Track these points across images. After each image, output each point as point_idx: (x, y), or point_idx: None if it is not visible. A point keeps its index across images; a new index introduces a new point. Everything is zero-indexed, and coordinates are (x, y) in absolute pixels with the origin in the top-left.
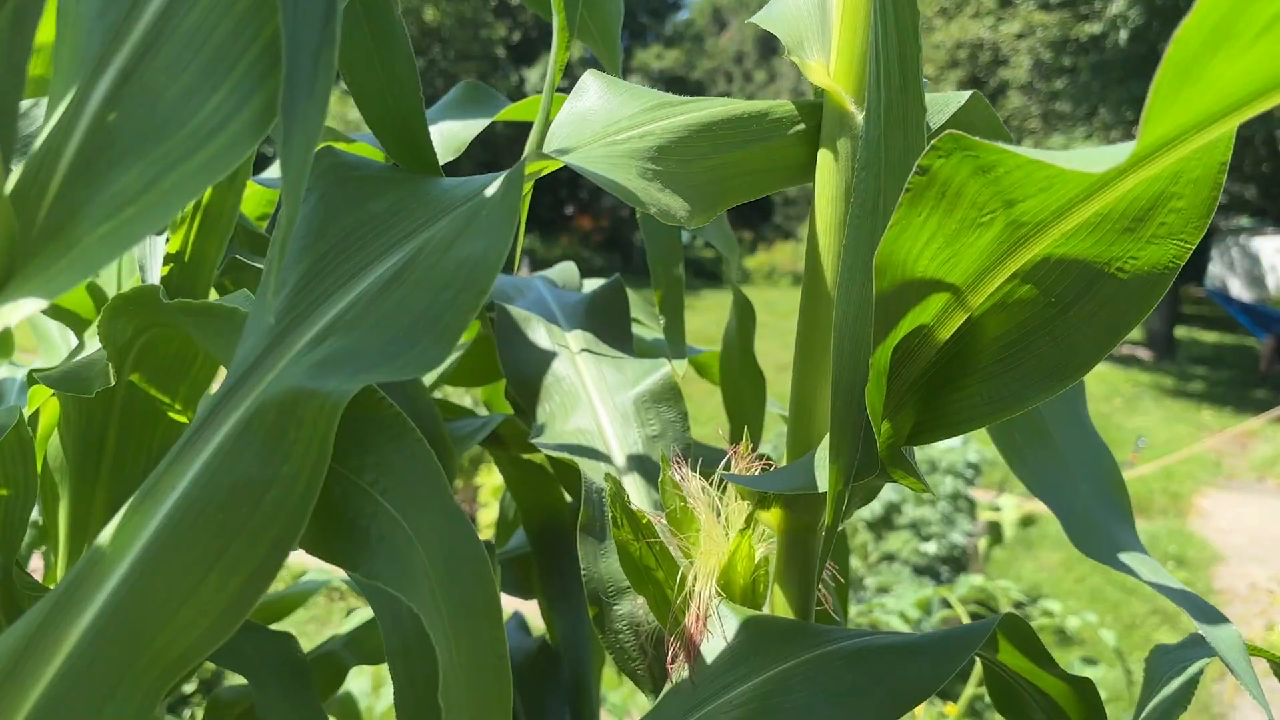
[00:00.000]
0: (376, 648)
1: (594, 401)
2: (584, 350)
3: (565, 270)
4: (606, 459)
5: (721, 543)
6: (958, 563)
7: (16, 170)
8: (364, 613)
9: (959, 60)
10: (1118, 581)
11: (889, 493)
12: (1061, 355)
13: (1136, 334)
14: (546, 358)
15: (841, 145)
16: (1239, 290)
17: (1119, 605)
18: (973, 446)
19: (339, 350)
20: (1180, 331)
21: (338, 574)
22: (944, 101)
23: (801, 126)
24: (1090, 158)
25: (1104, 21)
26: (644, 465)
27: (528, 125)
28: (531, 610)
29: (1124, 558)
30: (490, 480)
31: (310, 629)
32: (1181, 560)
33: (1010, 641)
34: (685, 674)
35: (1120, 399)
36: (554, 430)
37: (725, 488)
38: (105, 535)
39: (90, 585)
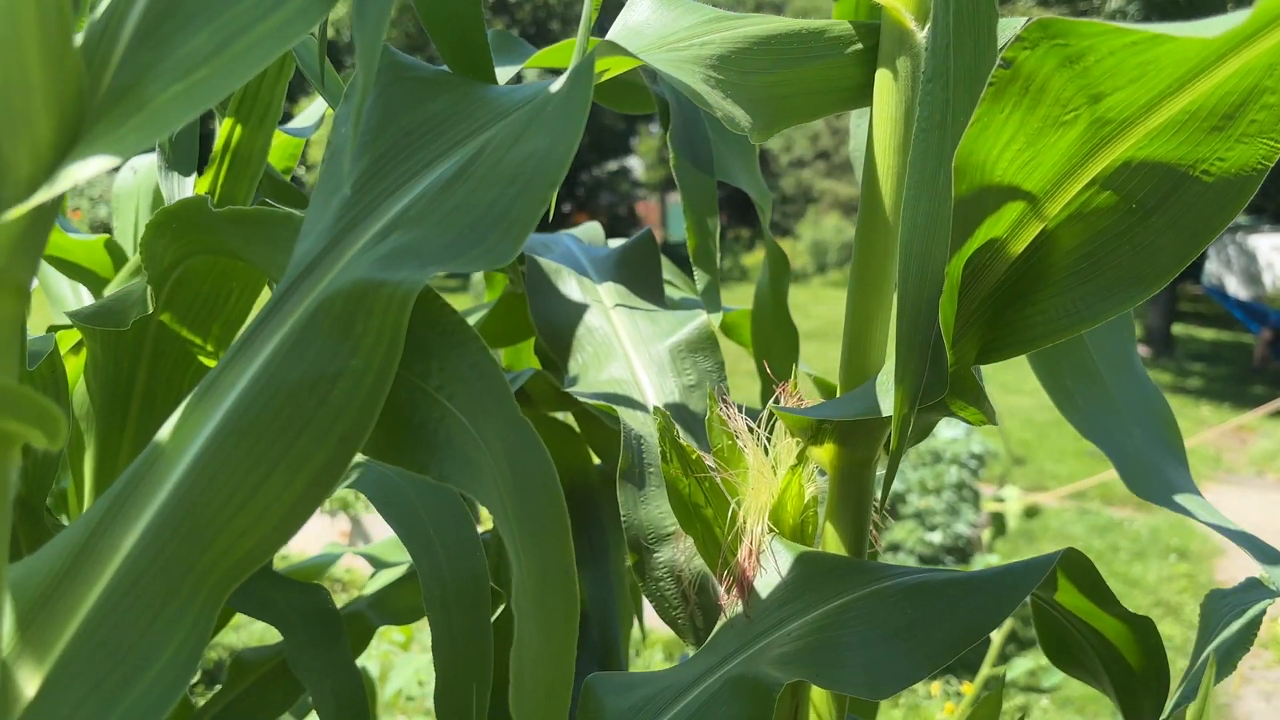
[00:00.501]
0: (403, 608)
1: (628, 352)
2: (617, 303)
3: (591, 230)
4: (642, 408)
5: (770, 481)
6: (962, 553)
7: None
8: (389, 574)
9: None
10: (1120, 574)
11: (894, 483)
12: (1141, 265)
13: (1135, 330)
14: (578, 310)
15: (901, 64)
16: (1235, 288)
17: (1123, 597)
18: (976, 438)
19: (405, 244)
20: (1178, 328)
21: (341, 566)
22: (1001, 25)
23: (859, 46)
24: (1200, 26)
25: (1103, 16)
26: (681, 415)
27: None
28: None
29: (1180, 499)
30: None
31: None
32: (1184, 553)
33: (1070, 579)
34: (739, 609)
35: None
36: (587, 381)
37: (773, 427)
38: (164, 433)
39: (150, 483)
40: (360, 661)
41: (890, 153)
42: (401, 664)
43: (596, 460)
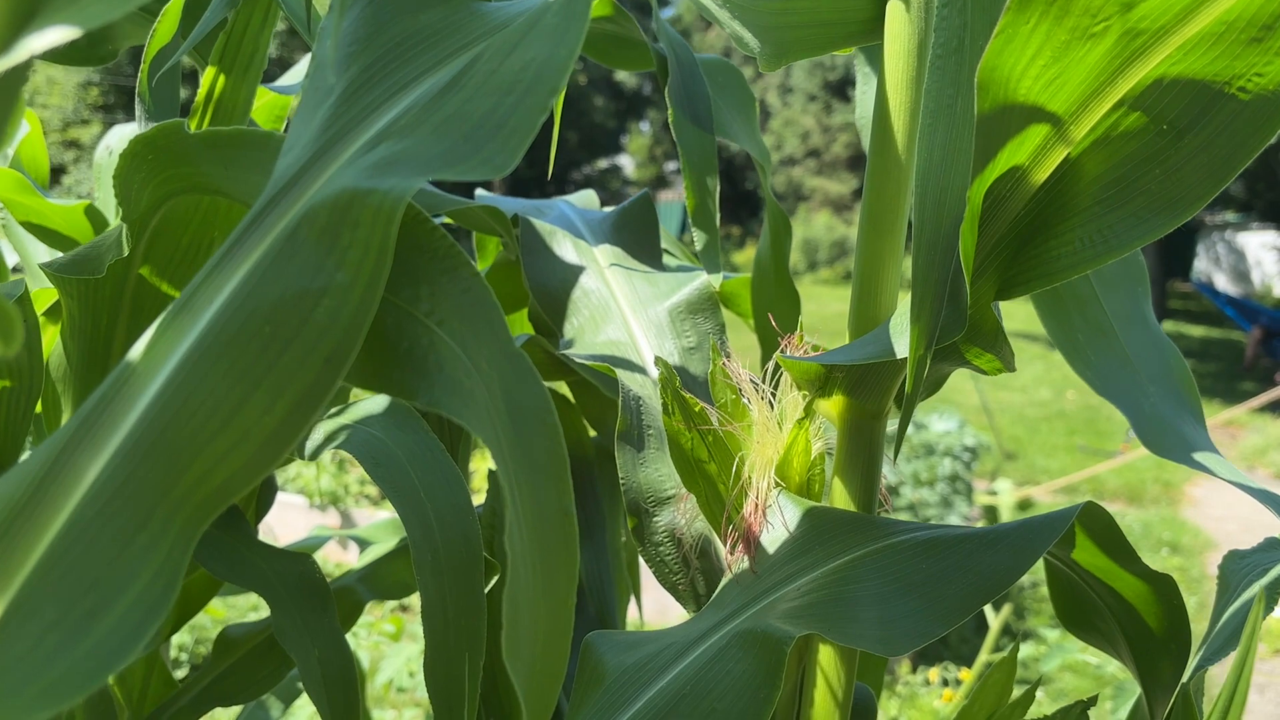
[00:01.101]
0: (394, 583)
1: (626, 314)
2: (613, 264)
3: (586, 196)
4: (641, 370)
5: (776, 435)
6: None
7: None
8: (380, 548)
9: None
10: None
11: (887, 474)
12: (1172, 190)
13: None
14: (574, 271)
15: None
16: (1224, 285)
17: None
18: (969, 431)
19: (394, 154)
20: (1168, 325)
21: (331, 561)
22: None
23: None
24: None
25: None
26: (682, 378)
27: None
28: None
29: (1199, 457)
30: (482, 466)
31: None
32: (1175, 546)
33: (1089, 535)
34: (744, 566)
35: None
36: (584, 344)
37: (778, 382)
38: (136, 352)
39: (120, 404)
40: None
41: (902, 87)
42: (392, 655)
43: (592, 433)
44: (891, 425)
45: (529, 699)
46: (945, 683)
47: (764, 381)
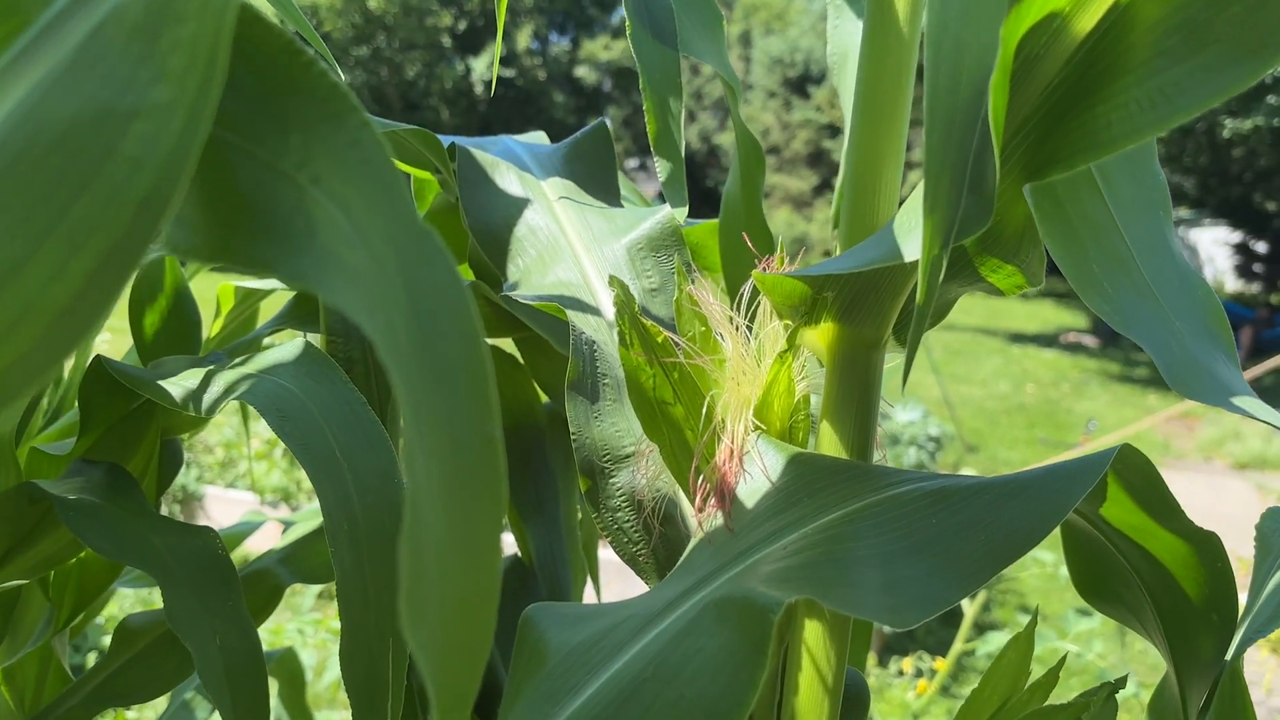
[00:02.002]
0: (320, 564)
1: (578, 252)
2: (564, 198)
3: (534, 137)
4: (595, 311)
5: (754, 373)
6: None
7: None
8: (301, 527)
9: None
10: None
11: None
12: (1255, 32)
13: (1083, 322)
14: (518, 207)
15: None
16: None
17: None
18: (933, 422)
19: None
20: None
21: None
22: None
23: None
24: None
25: None
26: None
27: None
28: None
29: (1238, 402)
30: None
31: None
32: None
33: (1123, 485)
34: (717, 523)
35: (1068, 384)
36: (530, 286)
37: (754, 313)
38: None
39: None
40: (296, 649)
41: None
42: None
43: (545, 399)
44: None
45: (439, 683)
46: (920, 674)
47: (740, 308)
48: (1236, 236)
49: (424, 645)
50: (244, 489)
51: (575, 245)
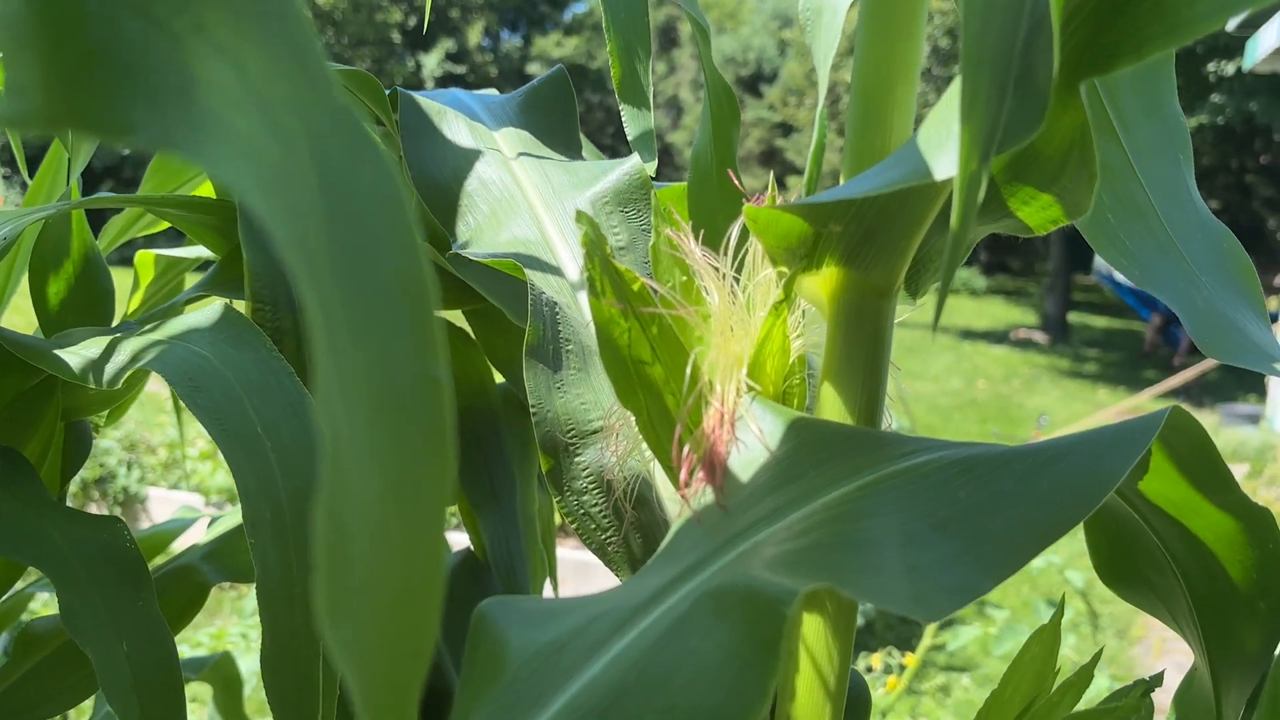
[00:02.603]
0: (248, 561)
1: (536, 208)
2: (520, 151)
3: (487, 93)
4: (556, 272)
5: (744, 327)
6: None
7: None
8: (230, 520)
9: None
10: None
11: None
12: None
13: (1032, 318)
14: (469, 159)
15: None
16: (1121, 277)
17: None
18: (887, 415)
19: None
20: (1073, 316)
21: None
22: None
23: None
24: None
25: None
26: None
27: None
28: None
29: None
30: None
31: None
32: None
33: (1170, 455)
34: (707, 500)
35: (1019, 380)
36: (482, 244)
37: (742, 262)
38: None
39: None
40: (236, 656)
41: None
42: None
43: (499, 379)
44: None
45: (367, 694)
46: (889, 669)
47: (726, 253)
48: None
49: (348, 646)
50: (188, 490)
51: (533, 200)
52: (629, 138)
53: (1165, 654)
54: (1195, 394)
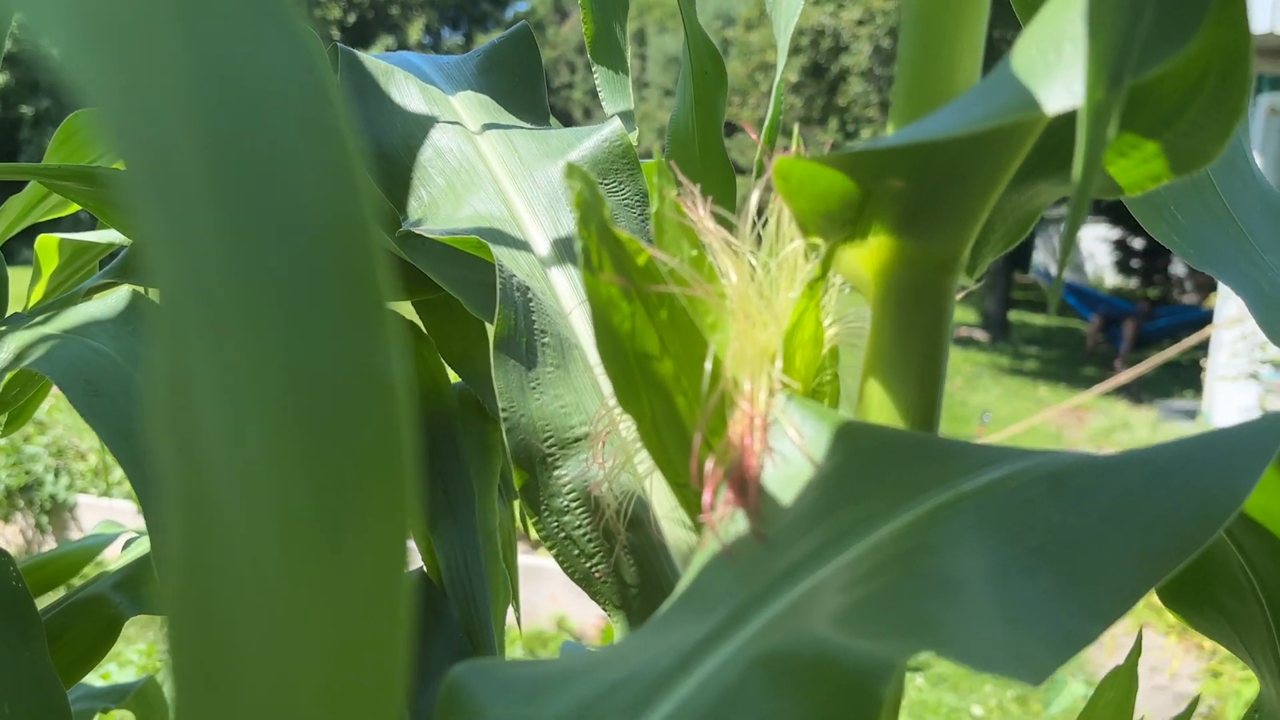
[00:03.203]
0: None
1: (500, 180)
2: (481, 118)
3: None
4: (527, 248)
5: (769, 311)
6: None
7: None
8: (147, 541)
9: (801, 47)
10: None
11: None
12: None
13: (972, 317)
14: (421, 124)
15: None
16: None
17: None
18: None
19: None
20: (1013, 314)
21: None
22: None
23: None
24: None
25: None
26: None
27: None
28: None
29: None
30: None
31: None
32: None
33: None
34: (737, 528)
35: (961, 378)
36: (438, 221)
37: (761, 232)
38: None
39: None
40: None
41: None
42: None
43: (454, 378)
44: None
45: None
46: None
47: (745, 221)
48: (1116, 233)
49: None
50: (120, 497)
51: (497, 171)
52: (604, 103)
53: (1116, 649)
54: (1134, 390)
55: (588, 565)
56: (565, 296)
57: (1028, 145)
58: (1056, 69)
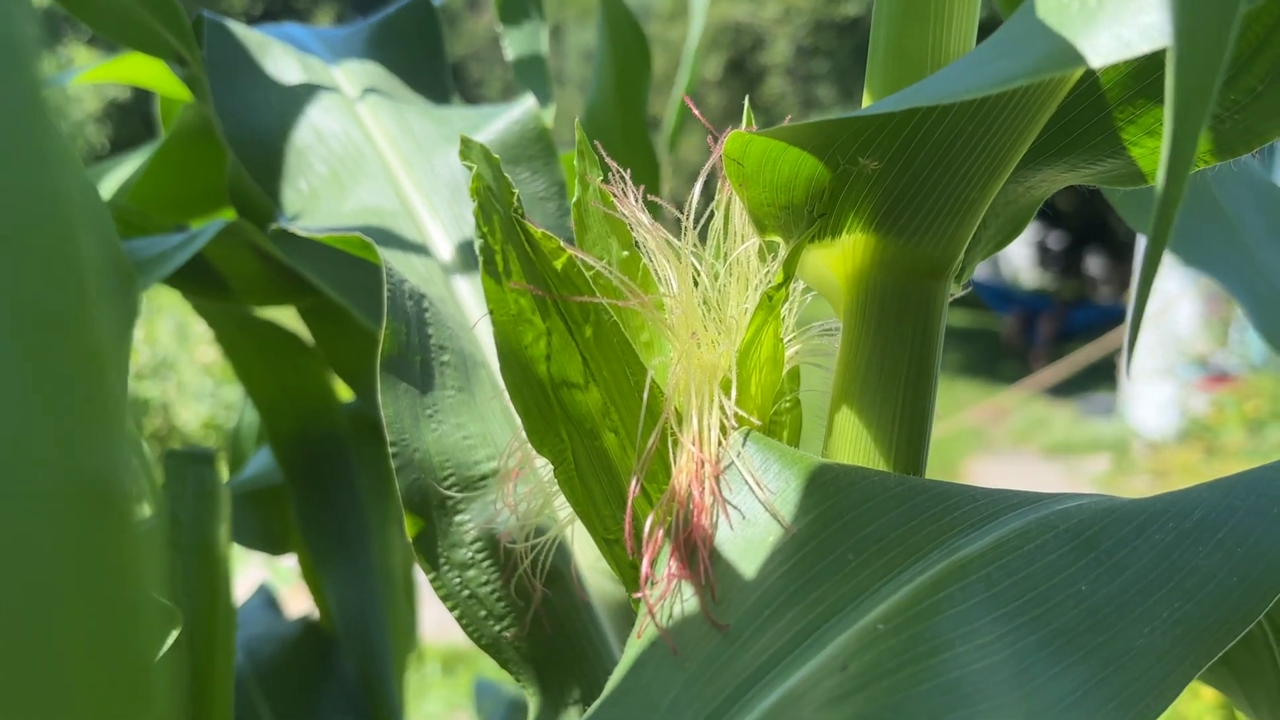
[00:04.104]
0: None
1: (393, 167)
2: (370, 91)
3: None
4: (421, 249)
5: (716, 331)
6: None
7: None
8: None
9: (720, 44)
10: None
11: None
12: None
13: None
14: (299, 103)
15: None
16: (979, 275)
17: None
18: None
19: None
20: None
21: None
22: None
23: None
24: None
25: (859, 3)
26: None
27: None
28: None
29: None
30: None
31: None
32: None
33: None
34: (687, 607)
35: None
36: (319, 215)
37: (706, 226)
38: None
39: None
40: None
41: None
42: None
43: (347, 395)
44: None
45: None
46: None
47: (687, 217)
48: (1033, 232)
49: None
50: None
51: (388, 157)
52: (511, 61)
53: None
54: (1052, 387)
55: (496, 629)
56: (470, 306)
57: (1044, 117)
58: (1099, 14)
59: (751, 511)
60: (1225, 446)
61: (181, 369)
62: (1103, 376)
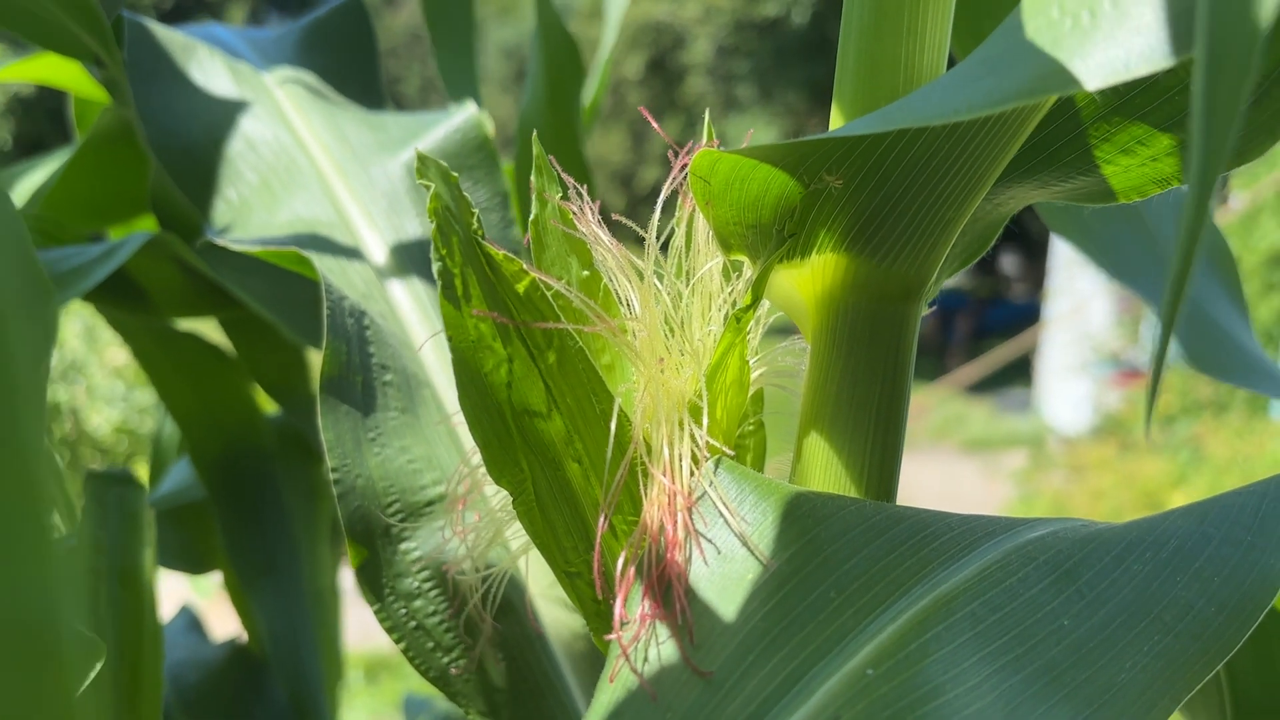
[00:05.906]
0: None
1: (328, 176)
2: (302, 97)
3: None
4: (358, 256)
5: (681, 355)
6: None
7: None
8: None
9: (641, 43)
10: None
11: None
12: None
13: None
14: (228, 110)
15: None
16: None
17: None
18: None
19: None
20: None
21: None
22: None
23: None
24: None
25: (779, 3)
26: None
27: None
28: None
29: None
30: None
31: None
32: None
33: None
34: (664, 655)
35: (797, 377)
36: (250, 227)
37: (667, 242)
38: None
39: None
40: None
41: None
42: None
43: (271, 408)
44: None
45: None
46: None
47: (650, 242)
48: None
49: None
50: None
51: (323, 166)
52: (438, 65)
53: None
54: (969, 384)
55: (445, 661)
56: (412, 322)
57: (1024, 135)
58: (1093, 34)
59: (727, 546)
60: (1138, 441)
61: (91, 372)
62: (1018, 373)
